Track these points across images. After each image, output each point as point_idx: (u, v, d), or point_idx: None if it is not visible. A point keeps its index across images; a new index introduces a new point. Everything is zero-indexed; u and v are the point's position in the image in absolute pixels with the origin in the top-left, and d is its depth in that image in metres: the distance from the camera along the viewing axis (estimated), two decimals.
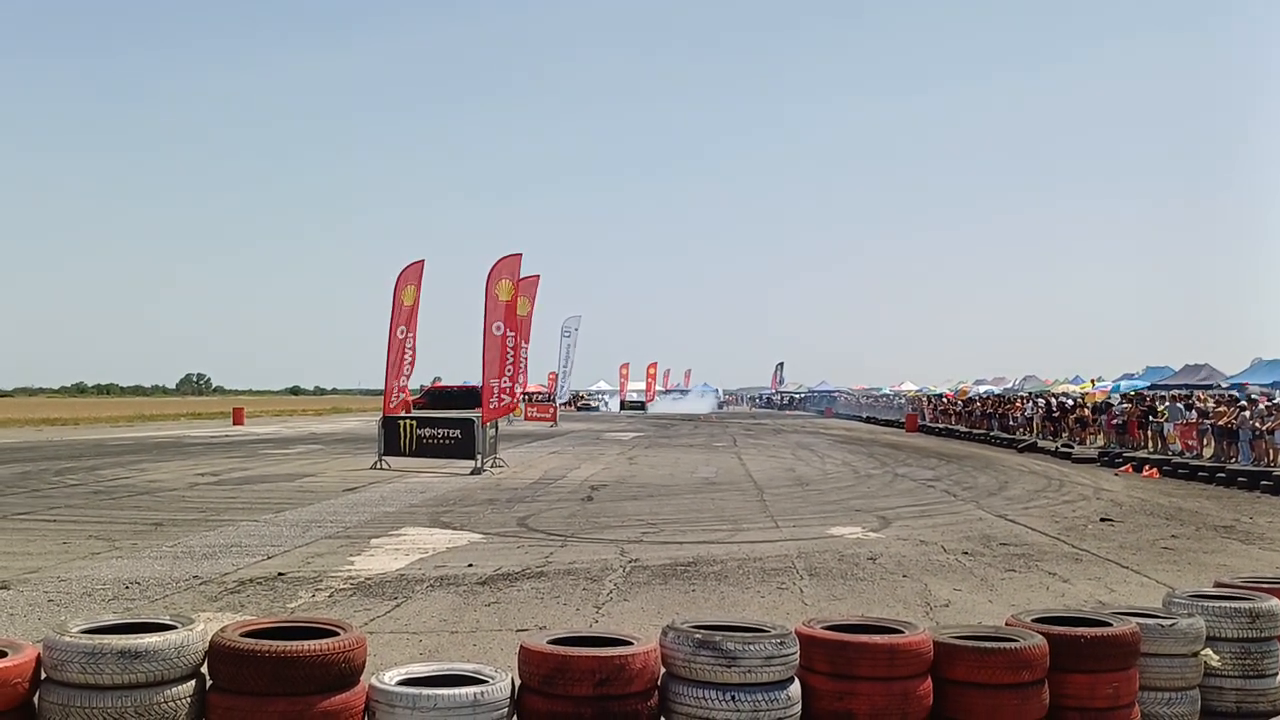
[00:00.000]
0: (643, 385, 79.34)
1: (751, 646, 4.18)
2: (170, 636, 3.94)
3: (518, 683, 4.20)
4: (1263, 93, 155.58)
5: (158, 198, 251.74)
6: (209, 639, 4.06)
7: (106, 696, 3.79)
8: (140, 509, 13.74)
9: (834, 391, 78.45)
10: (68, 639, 3.88)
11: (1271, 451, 19.55)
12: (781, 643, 4.25)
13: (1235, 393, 25.82)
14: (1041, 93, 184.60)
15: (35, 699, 3.89)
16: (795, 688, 4.28)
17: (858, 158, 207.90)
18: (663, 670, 4.31)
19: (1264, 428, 19.77)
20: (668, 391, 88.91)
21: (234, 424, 45.51)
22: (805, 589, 8.54)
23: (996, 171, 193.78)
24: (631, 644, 4.28)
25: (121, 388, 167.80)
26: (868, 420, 56.62)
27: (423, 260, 22.79)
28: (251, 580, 8.75)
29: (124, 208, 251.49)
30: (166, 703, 3.86)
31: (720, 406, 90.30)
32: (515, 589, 8.48)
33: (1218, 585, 5.98)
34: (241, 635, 4.09)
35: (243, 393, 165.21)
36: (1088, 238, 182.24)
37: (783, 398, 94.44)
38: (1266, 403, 21.32)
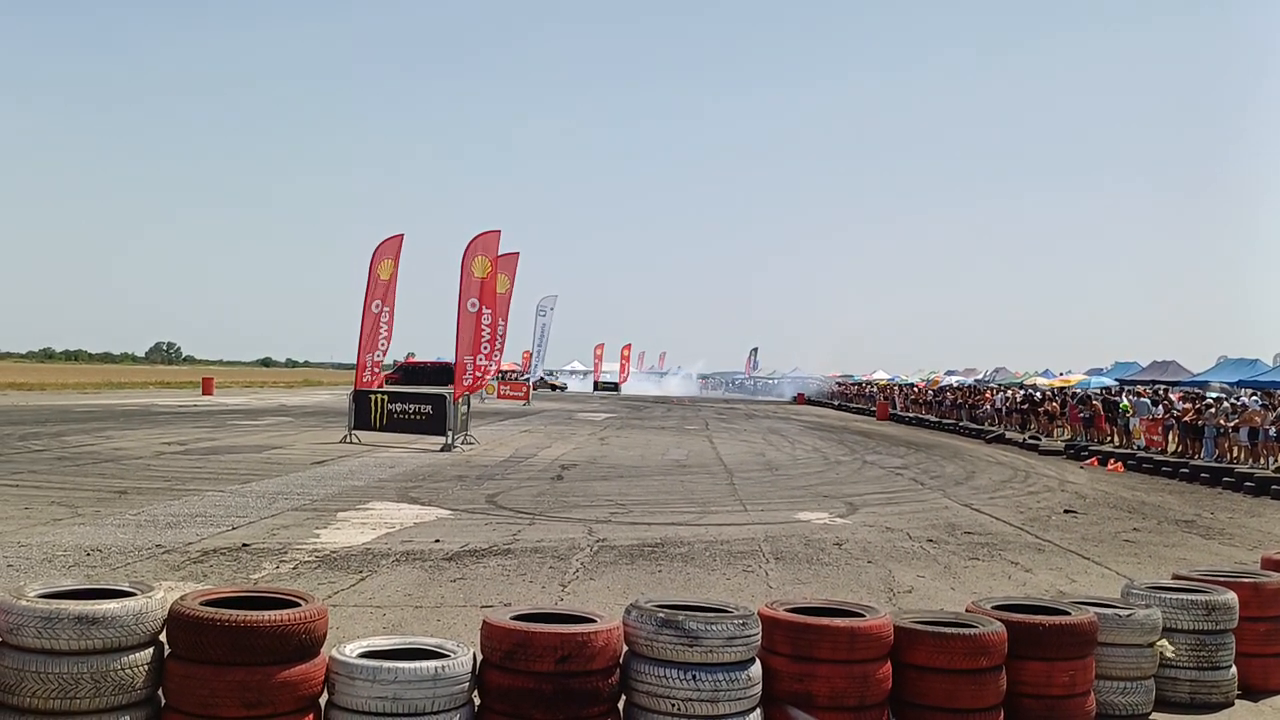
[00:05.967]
0: (617, 366, 79.32)
1: (714, 627, 4.19)
2: (129, 603, 3.89)
3: (479, 658, 4.19)
4: (1238, 90, 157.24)
5: (131, 159, 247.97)
6: (168, 607, 4.02)
7: (63, 662, 3.75)
8: (105, 476, 13.59)
9: (807, 378, 78.66)
10: (24, 603, 3.82)
11: (1234, 449, 19.86)
12: (744, 624, 4.27)
13: (1197, 390, 26.19)
14: (1016, 83, 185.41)
15: None
16: (756, 668, 4.30)
17: (839, 144, 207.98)
18: (625, 649, 4.32)
19: (1228, 425, 20.07)
20: (656, 373, 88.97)
21: (203, 394, 45.09)
22: (771, 572, 8.59)
23: (975, 162, 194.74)
24: (595, 621, 4.28)
25: (90, 354, 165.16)
26: (839, 408, 56.99)
27: (401, 235, 22.59)
28: (215, 550, 8.68)
29: (97, 170, 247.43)
30: (124, 669, 3.82)
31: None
32: (481, 566, 8.47)
33: (1175, 578, 6.06)
34: (201, 604, 4.05)
35: (213, 363, 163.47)
36: (1062, 233, 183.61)
37: (755, 383, 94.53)
38: (1231, 402, 21.63)
